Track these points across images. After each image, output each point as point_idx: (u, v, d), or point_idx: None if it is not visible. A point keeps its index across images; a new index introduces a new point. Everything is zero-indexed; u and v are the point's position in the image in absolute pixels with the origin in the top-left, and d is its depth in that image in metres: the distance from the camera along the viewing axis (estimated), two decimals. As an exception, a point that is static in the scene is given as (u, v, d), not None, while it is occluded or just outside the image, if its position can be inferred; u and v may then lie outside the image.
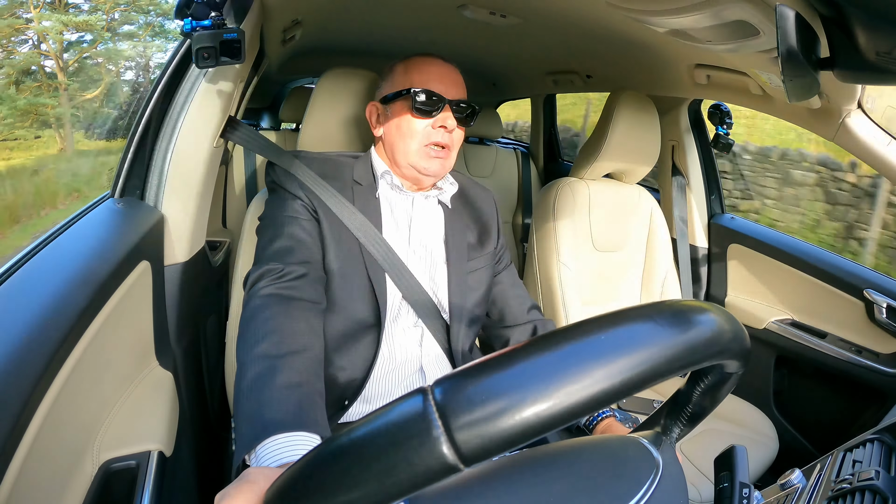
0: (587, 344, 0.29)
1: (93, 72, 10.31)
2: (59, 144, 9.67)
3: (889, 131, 1.01)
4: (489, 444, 0.25)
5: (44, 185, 8.15)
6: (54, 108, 9.58)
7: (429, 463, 0.25)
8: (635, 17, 0.88)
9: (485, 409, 0.25)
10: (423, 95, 0.83)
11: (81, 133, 10.41)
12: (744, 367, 0.37)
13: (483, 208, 1.00)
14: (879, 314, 1.22)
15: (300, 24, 1.27)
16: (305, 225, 0.82)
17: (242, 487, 0.43)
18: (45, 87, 9.54)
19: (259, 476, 0.45)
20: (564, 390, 0.26)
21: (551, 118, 2.42)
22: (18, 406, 0.46)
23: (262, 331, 0.67)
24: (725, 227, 1.60)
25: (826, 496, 0.60)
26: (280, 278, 0.75)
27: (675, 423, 0.46)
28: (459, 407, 0.26)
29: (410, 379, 0.86)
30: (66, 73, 9.82)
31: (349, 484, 0.26)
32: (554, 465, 0.40)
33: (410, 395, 0.28)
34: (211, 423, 1.14)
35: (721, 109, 1.51)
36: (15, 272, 0.63)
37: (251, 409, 0.59)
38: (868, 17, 0.55)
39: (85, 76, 10.18)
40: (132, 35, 10.65)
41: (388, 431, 0.27)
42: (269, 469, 0.48)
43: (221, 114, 0.91)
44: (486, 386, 0.27)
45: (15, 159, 8.99)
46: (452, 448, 0.25)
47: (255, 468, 0.47)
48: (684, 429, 0.46)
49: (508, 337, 0.98)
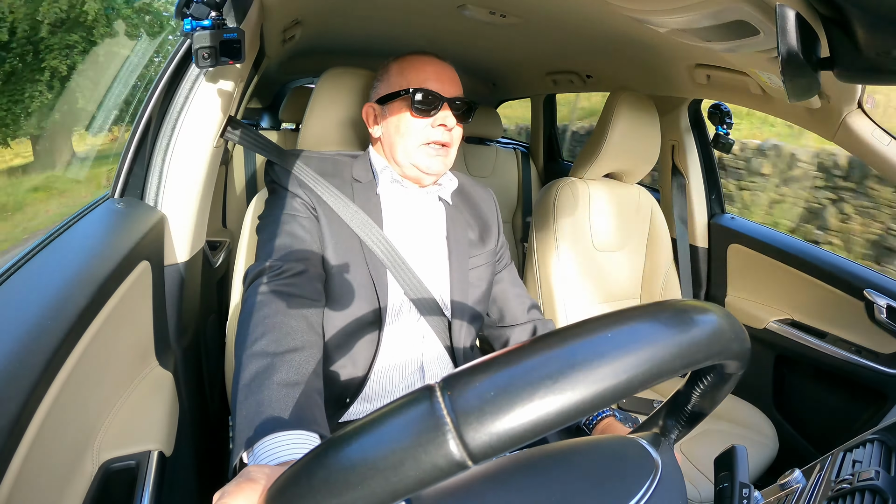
0: (592, 342, 0.29)
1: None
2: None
3: (889, 131, 1.01)
4: (497, 441, 0.25)
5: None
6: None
7: (436, 460, 0.25)
8: (635, 16, 0.88)
9: (494, 406, 0.25)
10: (421, 95, 0.83)
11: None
12: (744, 368, 0.37)
13: (483, 206, 1.00)
14: (879, 314, 1.22)
15: (300, 23, 1.27)
16: (305, 223, 0.82)
17: (242, 485, 0.42)
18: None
19: (259, 474, 0.44)
20: (572, 387, 0.26)
21: (551, 118, 2.42)
22: (18, 406, 0.46)
23: (260, 328, 0.67)
24: (725, 226, 1.60)
25: (826, 496, 0.60)
26: (279, 275, 0.75)
27: (674, 423, 0.46)
28: (468, 404, 0.26)
29: (411, 377, 0.86)
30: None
31: (355, 481, 0.26)
32: (552, 467, 0.40)
33: (418, 392, 0.28)
34: (211, 423, 1.14)
35: (721, 109, 1.51)
36: (15, 272, 0.63)
37: (249, 408, 0.59)
38: (868, 17, 0.54)
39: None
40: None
41: (395, 428, 0.27)
42: (269, 467, 0.47)
43: (221, 114, 0.91)
44: (494, 382, 0.27)
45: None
46: (461, 445, 0.25)
47: (255, 466, 0.47)
48: (683, 430, 0.46)
49: (508, 336, 0.98)
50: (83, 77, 9.03)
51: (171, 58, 0.94)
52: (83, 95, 9.14)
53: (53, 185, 8.23)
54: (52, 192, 8.01)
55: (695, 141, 1.62)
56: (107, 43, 9.22)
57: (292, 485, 0.29)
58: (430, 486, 0.26)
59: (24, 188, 8.25)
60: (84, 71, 9.02)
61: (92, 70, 9.12)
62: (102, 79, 8.93)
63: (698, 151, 1.63)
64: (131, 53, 9.62)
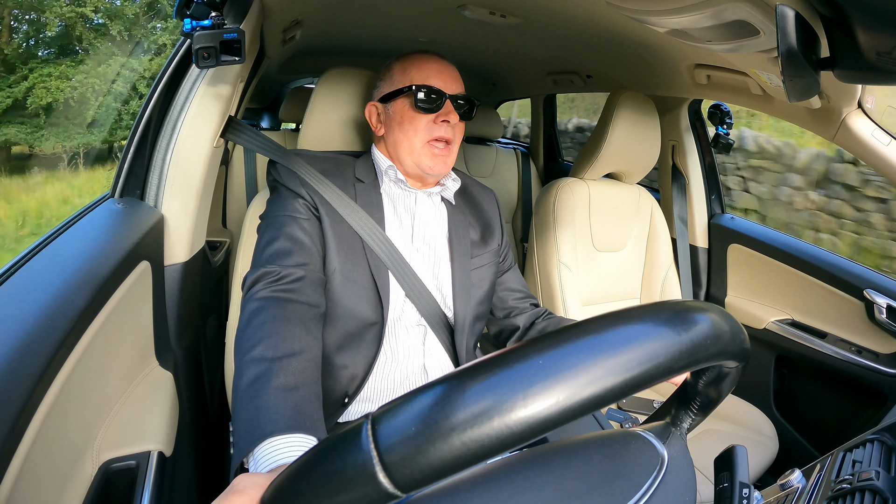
0: (528, 366, 0.27)
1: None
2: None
3: (889, 131, 1.01)
4: (420, 474, 0.26)
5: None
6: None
7: (367, 491, 0.26)
8: (635, 17, 0.88)
9: (414, 440, 0.26)
10: (424, 91, 0.84)
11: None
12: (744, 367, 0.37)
13: (485, 206, 1.00)
14: (879, 314, 1.22)
15: (300, 23, 1.27)
16: (305, 225, 0.82)
17: (230, 499, 0.42)
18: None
19: (246, 483, 0.44)
20: (497, 417, 0.25)
21: (551, 118, 2.42)
22: (18, 406, 0.46)
23: (258, 334, 0.67)
24: (725, 227, 1.60)
25: (826, 496, 0.60)
26: (277, 281, 0.74)
27: (685, 413, 0.44)
28: (390, 437, 0.26)
29: (413, 377, 0.86)
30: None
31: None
32: (552, 465, 0.39)
33: (356, 423, 0.28)
34: (211, 423, 1.14)
35: (721, 109, 1.51)
36: (15, 272, 0.63)
37: (248, 413, 0.59)
38: (868, 17, 0.54)
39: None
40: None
41: (333, 458, 0.28)
42: (260, 475, 0.47)
43: (221, 114, 0.91)
44: (415, 414, 0.27)
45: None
46: (388, 477, 0.26)
47: (244, 475, 0.46)
48: (695, 419, 0.44)
49: (513, 331, 0.99)
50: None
51: (171, 58, 0.94)
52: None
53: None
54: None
55: (695, 141, 1.62)
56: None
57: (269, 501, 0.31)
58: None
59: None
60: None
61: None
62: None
63: (698, 151, 1.63)
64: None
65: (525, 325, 0.98)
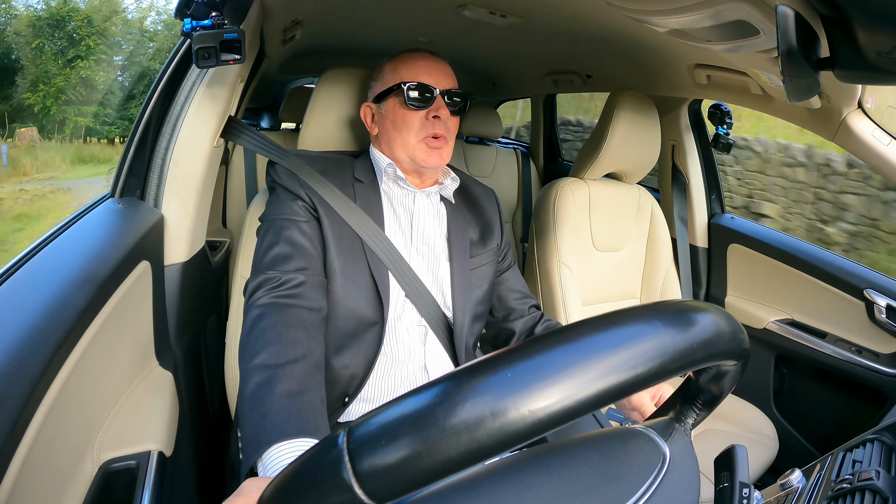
0: (499, 378, 0.26)
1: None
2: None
3: (889, 131, 1.01)
4: (393, 486, 0.25)
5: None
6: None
7: (343, 500, 0.26)
8: (635, 17, 0.88)
9: (386, 453, 0.26)
10: (414, 88, 0.84)
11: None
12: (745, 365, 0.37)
13: (485, 206, 1.00)
14: (879, 314, 1.22)
15: (300, 23, 1.27)
16: (304, 227, 0.82)
17: (236, 501, 0.43)
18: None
19: (252, 487, 0.45)
20: (466, 432, 0.25)
21: (551, 118, 2.42)
22: (18, 406, 0.46)
23: (261, 341, 0.68)
24: (725, 226, 1.60)
25: (826, 496, 0.60)
26: (278, 287, 0.75)
27: (689, 408, 0.44)
28: (363, 450, 0.26)
29: (414, 377, 0.86)
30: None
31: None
32: (553, 463, 0.39)
33: (334, 434, 0.28)
34: (211, 423, 1.14)
35: (721, 109, 1.51)
36: (15, 272, 0.63)
37: (255, 419, 0.60)
38: (868, 17, 0.54)
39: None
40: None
41: (312, 468, 0.28)
42: (263, 480, 0.48)
43: (221, 114, 0.91)
44: (389, 427, 0.26)
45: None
46: (362, 489, 0.26)
47: (251, 480, 0.48)
48: (699, 414, 0.44)
49: (511, 336, 0.99)
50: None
51: (171, 58, 0.94)
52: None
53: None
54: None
55: (695, 141, 1.62)
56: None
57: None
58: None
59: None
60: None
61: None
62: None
63: (698, 151, 1.63)
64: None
65: (521, 331, 0.98)
